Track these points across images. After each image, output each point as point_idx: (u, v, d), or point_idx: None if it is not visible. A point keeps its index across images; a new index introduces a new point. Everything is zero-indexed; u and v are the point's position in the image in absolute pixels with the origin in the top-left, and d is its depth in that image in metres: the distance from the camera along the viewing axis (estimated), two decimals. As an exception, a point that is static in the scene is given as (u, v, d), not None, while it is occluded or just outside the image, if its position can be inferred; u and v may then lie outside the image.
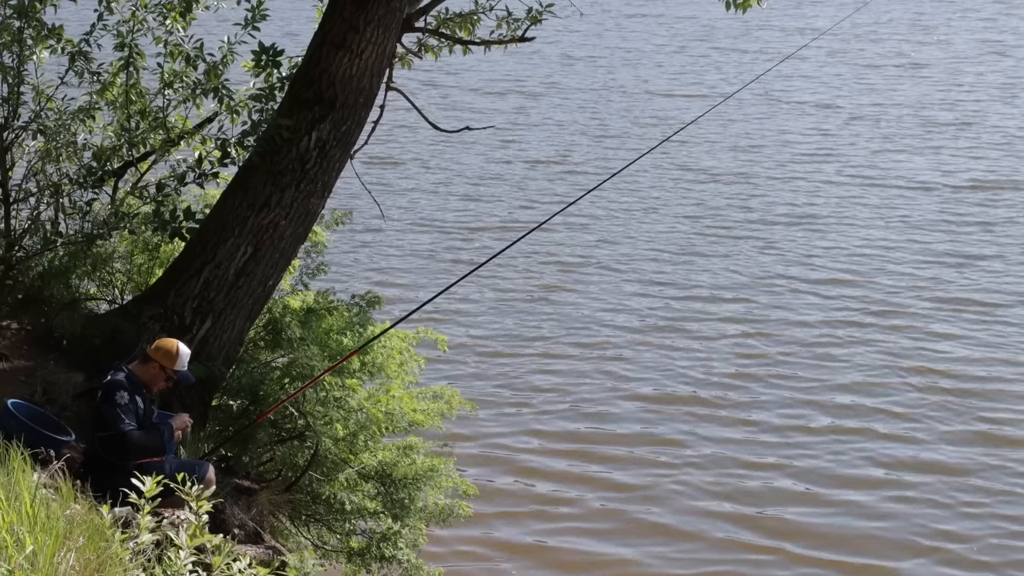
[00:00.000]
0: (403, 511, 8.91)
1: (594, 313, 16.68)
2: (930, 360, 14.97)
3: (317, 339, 8.86)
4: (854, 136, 25.68)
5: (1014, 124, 26.48)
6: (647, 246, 19.14)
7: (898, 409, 13.85)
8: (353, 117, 8.41)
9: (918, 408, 13.85)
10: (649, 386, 14.50)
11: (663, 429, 13.58)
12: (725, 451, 12.97)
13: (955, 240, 19.35)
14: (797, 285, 17.46)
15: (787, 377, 14.68)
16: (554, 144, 25.30)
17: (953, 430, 13.36)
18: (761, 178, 22.68)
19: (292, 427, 8.92)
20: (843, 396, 14.20)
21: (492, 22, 9.39)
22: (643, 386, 14.52)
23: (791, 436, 13.28)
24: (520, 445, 13.26)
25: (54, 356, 8.19)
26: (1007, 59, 33.38)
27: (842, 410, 13.88)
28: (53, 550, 4.12)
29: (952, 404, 13.90)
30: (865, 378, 14.57)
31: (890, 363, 14.84)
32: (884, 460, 12.75)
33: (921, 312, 16.40)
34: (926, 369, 14.76)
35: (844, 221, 20.26)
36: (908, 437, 13.26)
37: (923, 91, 29.70)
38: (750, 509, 12.01)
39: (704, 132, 24.94)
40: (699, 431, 13.46)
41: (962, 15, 40.20)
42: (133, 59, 9.03)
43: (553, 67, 32.88)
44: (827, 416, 13.73)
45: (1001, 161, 23.70)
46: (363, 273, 17.81)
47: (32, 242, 9.15)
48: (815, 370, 14.79)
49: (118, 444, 6.40)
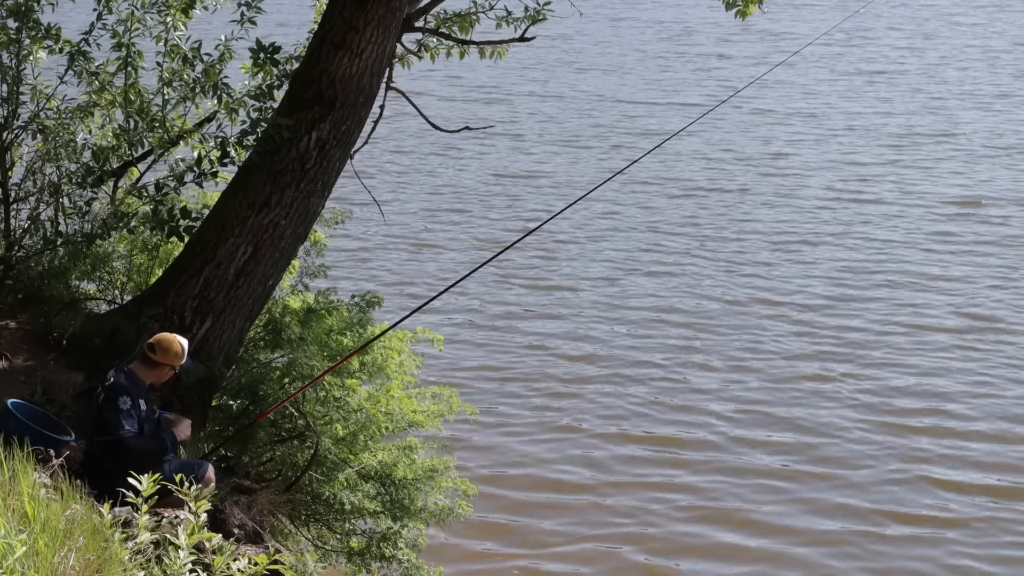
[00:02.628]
0: (403, 511, 8.91)
1: (593, 313, 16.70)
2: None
3: (317, 339, 8.86)
4: (838, 148, 24.91)
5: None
6: (640, 255, 18.98)
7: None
8: (353, 117, 8.41)
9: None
10: (649, 387, 14.51)
11: (663, 429, 13.58)
12: (713, 469, 12.84)
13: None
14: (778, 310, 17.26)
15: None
16: (551, 148, 25.30)
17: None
18: (738, 191, 22.01)
19: (292, 427, 8.92)
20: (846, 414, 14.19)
21: (492, 22, 9.40)
22: (643, 386, 14.52)
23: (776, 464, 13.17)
24: (520, 445, 13.26)
25: (54, 356, 8.19)
26: (993, 69, 32.62)
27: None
28: (53, 550, 4.12)
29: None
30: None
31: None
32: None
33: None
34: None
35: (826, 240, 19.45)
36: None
37: (905, 100, 28.91)
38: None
39: (682, 144, 23.91)
40: (699, 431, 13.47)
41: (949, 24, 39.70)
42: (131, 58, 9.03)
43: (547, 71, 32.84)
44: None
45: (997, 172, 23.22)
46: (363, 273, 17.80)
47: (32, 242, 9.16)
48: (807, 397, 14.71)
49: (117, 449, 6.41)
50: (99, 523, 4.57)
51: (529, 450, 13.15)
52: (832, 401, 14.02)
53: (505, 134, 25.88)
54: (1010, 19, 39.74)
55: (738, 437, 13.31)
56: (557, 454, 13.07)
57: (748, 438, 13.31)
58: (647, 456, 13.02)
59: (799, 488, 12.33)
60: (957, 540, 11.44)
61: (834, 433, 13.29)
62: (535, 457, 13.02)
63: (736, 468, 12.73)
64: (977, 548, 11.29)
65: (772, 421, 13.62)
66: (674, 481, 12.54)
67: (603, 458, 12.97)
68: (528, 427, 13.60)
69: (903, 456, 12.81)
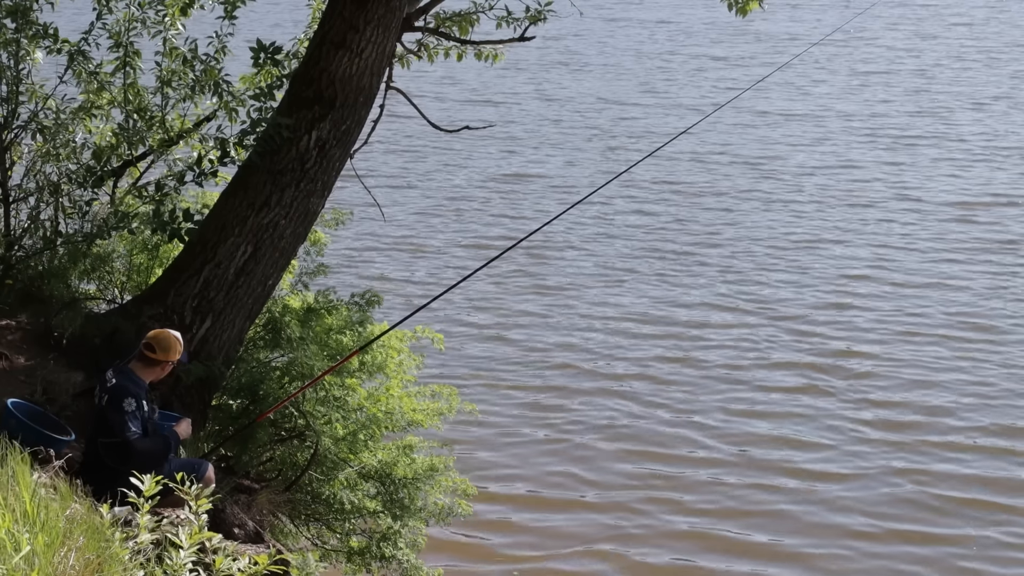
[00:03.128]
0: (403, 511, 8.91)
1: (590, 315, 16.70)
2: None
3: (317, 338, 8.86)
4: (840, 146, 24.86)
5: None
6: (641, 257, 18.97)
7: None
8: (353, 116, 8.41)
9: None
10: (647, 389, 14.51)
11: (663, 431, 13.57)
12: (713, 470, 12.83)
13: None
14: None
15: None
16: (553, 150, 25.29)
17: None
18: (734, 193, 21.85)
19: (292, 427, 8.92)
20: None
21: (491, 21, 9.40)
22: (641, 387, 14.52)
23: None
24: (520, 446, 13.26)
25: (54, 356, 8.19)
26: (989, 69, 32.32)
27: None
28: (53, 550, 4.11)
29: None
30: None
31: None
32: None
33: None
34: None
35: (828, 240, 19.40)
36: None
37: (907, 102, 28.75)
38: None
39: (678, 145, 23.02)
40: (697, 435, 13.46)
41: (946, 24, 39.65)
42: (130, 58, 9.03)
43: (539, 73, 32.82)
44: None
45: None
46: (362, 272, 17.80)
47: (32, 242, 9.16)
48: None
49: (123, 451, 6.40)
50: (99, 523, 4.56)
51: (526, 452, 13.16)
52: (831, 407, 13.94)
53: (505, 135, 25.86)
54: (1007, 19, 39.63)
55: (737, 441, 13.29)
56: (556, 456, 13.07)
57: (749, 440, 13.31)
58: (647, 457, 13.00)
59: (799, 491, 12.35)
60: (954, 555, 11.32)
61: (833, 442, 13.17)
62: (535, 458, 13.03)
63: (736, 469, 12.74)
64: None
65: (771, 426, 13.60)
66: (673, 481, 12.53)
67: (603, 459, 12.96)
68: (527, 428, 13.61)
69: (899, 468, 12.66)
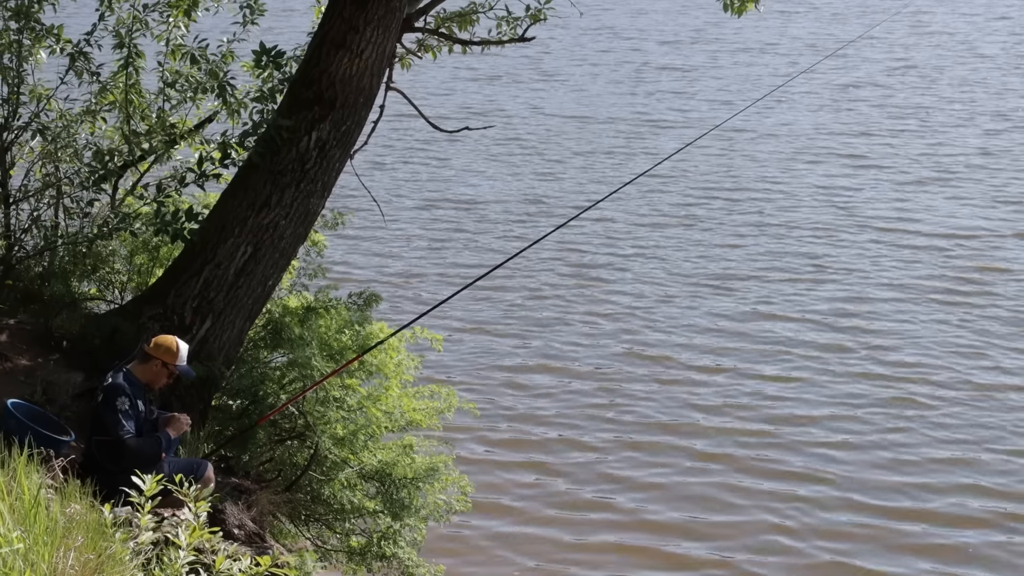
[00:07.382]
0: (403, 510, 8.92)
1: (589, 319, 16.71)
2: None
3: (317, 338, 8.87)
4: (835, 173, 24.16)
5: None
6: (650, 261, 18.95)
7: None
8: (353, 117, 8.42)
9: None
10: (646, 392, 14.51)
11: (663, 431, 13.59)
12: (712, 471, 12.81)
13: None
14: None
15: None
16: (561, 152, 25.28)
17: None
18: (729, 207, 21.52)
19: (292, 427, 8.93)
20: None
21: (491, 21, 9.40)
22: (640, 390, 14.53)
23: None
24: (520, 445, 13.28)
25: (54, 356, 8.20)
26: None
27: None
28: (52, 550, 4.12)
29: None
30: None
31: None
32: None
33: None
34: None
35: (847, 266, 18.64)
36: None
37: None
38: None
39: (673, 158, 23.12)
40: (697, 434, 13.48)
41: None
42: (132, 59, 9.04)
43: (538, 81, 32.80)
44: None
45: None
46: (361, 272, 17.81)
47: (33, 242, 9.16)
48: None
49: (115, 450, 6.43)
50: (99, 522, 4.57)
51: (526, 452, 13.17)
52: (830, 419, 13.89)
53: (505, 136, 25.88)
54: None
55: (737, 445, 13.27)
56: (556, 456, 13.09)
57: (748, 441, 13.33)
58: (647, 459, 13.01)
59: (799, 496, 12.36)
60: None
61: (837, 457, 13.08)
62: (535, 458, 13.05)
63: (736, 472, 12.75)
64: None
65: (772, 431, 13.59)
66: (673, 481, 12.55)
67: (603, 459, 12.98)
68: (527, 427, 13.63)
69: (903, 484, 12.56)
